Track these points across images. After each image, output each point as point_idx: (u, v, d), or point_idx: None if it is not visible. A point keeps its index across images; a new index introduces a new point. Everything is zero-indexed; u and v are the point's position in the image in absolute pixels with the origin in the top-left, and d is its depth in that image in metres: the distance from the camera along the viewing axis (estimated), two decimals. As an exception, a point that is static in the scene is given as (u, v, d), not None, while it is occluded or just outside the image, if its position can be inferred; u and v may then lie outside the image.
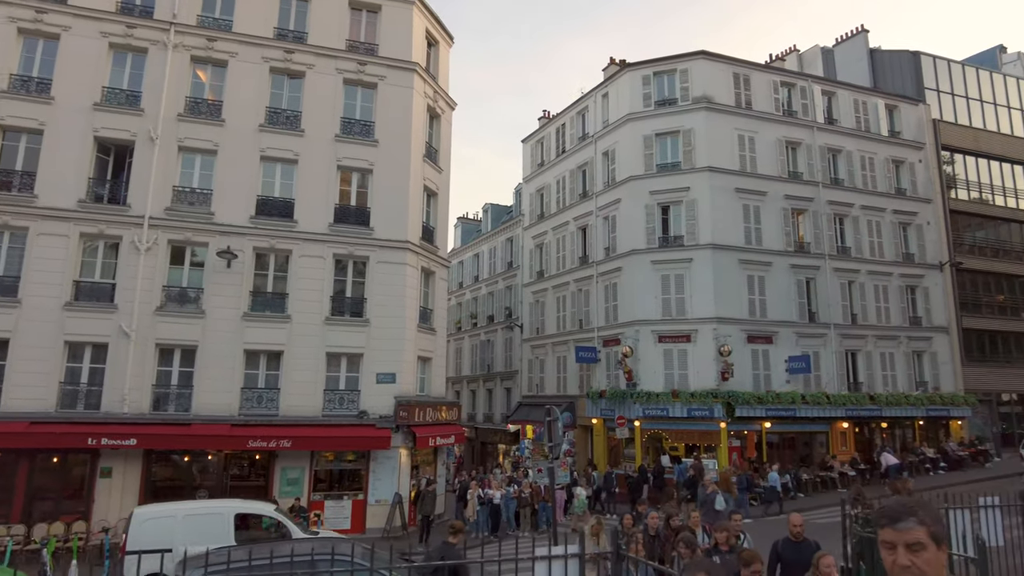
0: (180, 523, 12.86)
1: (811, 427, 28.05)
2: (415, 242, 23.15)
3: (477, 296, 43.22)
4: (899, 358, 30.47)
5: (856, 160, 31.66)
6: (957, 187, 34.81)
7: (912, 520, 2.05)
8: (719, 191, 28.02)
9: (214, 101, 22.13)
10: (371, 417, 21.30)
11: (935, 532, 2.04)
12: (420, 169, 23.99)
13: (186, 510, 13.83)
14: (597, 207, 31.14)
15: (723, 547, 7.85)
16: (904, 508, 2.09)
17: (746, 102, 29.67)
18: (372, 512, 21.26)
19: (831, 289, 29.39)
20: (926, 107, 34.33)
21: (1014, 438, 31.86)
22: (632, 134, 29.46)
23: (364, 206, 22.74)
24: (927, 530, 2.03)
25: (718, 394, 25.80)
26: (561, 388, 32.76)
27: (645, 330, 27.63)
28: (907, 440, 30.57)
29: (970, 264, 33.54)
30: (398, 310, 22.14)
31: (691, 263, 27.54)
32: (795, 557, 7.56)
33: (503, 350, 38.96)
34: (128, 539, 12.41)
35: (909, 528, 2.03)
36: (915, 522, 2.04)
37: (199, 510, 14.10)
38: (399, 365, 21.97)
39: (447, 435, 23.27)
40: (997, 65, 39.93)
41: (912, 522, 2.04)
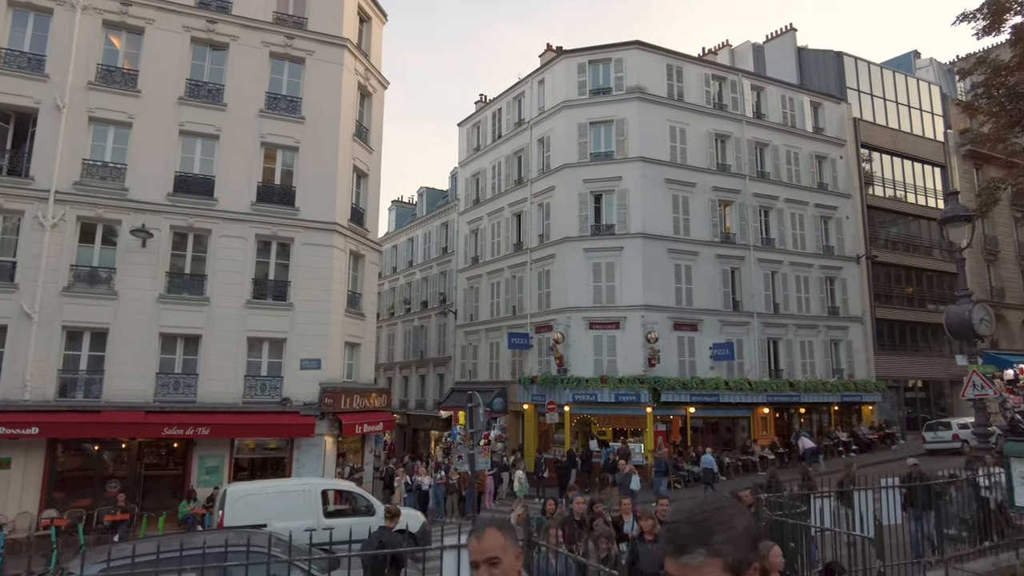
0: (272, 499, 13.42)
1: (734, 412, 28.98)
2: (343, 224, 22.55)
3: (411, 281, 42.66)
4: (817, 346, 31.78)
5: (782, 154, 32.68)
6: (874, 184, 36.42)
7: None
8: (650, 181, 28.41)
9: (129, 70, 20.87)
10: (294, 404, 20.70)
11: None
12: (350, 148, 23.34)
13: (276, 487, 14.58)
14: (532, 194, 31.11)
15: (648, 536, 7.50)
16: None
17: (678, 94, 30.13)
18: (296, 501, 20.68)
19: (755, 279, 30.33)
20: (848, 106, 35.71)
21: (918, 422, 33.77)
22: (567, 122, 29.50)
23: (289, 185, 21.97)
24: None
25: (645, 380, 26.30)
26: (494, 374, 32.75)
27: (576, 317, 27.86)
28: (823, 424, 31.98)
29: (884, 257, 35.24)
30: (324, 294, 21.54)
31: (622, 252, 27.88)
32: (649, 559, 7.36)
33: (437, 336, 38.64)
34: (225, 516, 12.83)
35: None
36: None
37: (288, 487, 14.73)
38: (325, 351, 21.41)
39: (375, 422, 22.88)
40: (912, 69, 41.88)
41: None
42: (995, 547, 10.24)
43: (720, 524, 1.55)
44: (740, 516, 1.58)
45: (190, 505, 18.53)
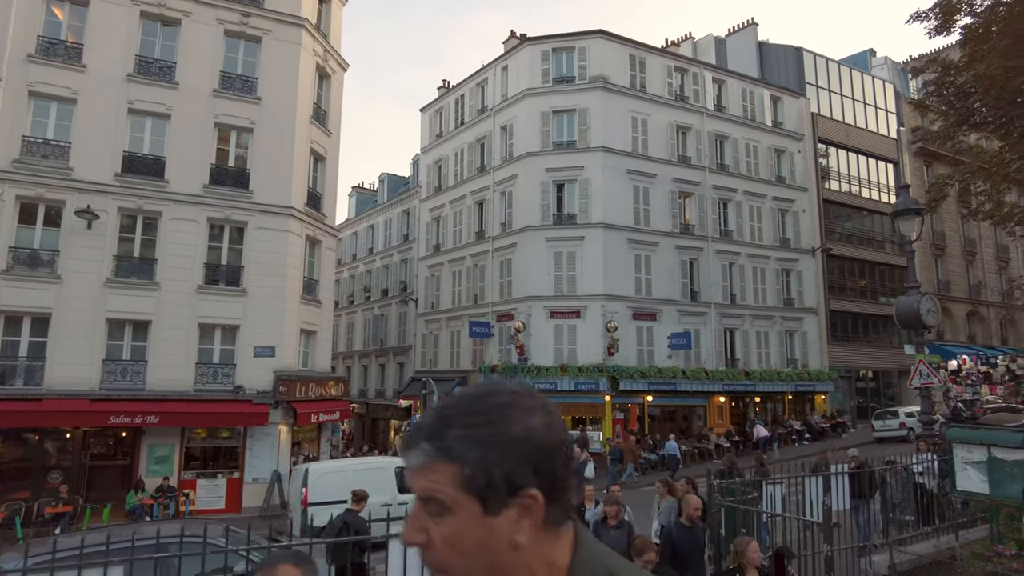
0: (351, 476, 13.84)
1: (690, 401, 29.38)
2: (299, 208, 22.04)
3: (371, 269, 42.09)
4: (773, 337, 32.38)
5: (741, 147, 33.08)
6: (830, 178, 37.16)
7: (424, 448, 0.98)
8: (612, 171, 28.47)
9: (74, 44, 19.97)
10: (248, 392, 20.23)
11: (477, 473, 0.95)
12: (307, 131, 22.80)
13: (355, 465, 15.88)
14: (494, 182, 30.91)
15: (611, 522, 7.47)
16: (431, 423, 1.01)
17: (641, 85, 30.21)
18: (249, 491, 20.29)
19: (713, 270, 30.71)
20: (806, 101, 36.30)
21: (868, 411, 34.73)
22: (530, 110, 29.34)
23: (243, 168, 21.36)
24: (456, 470, 0.95)
25: (604, 368, 26.45)
26: (455, 363, 32.56)
27: (537, 306, 27.83)
28: (777, 413, 32.65)
29: (838, 251, 36.03)
30: (279, 280, 21.04)
31: (583, 241, 27.92)
32: (690, 543, 7.05)
33: (397, 325, 38.24)
34: (308, 493, 13.56)
35: (415, 466, 0.99)
36: (428, 452, 0.98)
37: (365, 465, 15.83)
38: (279, 338, 20.95)
39: (331, 411, 22.52)
40: (868, 67, 42.77)
41: (422, 452, 0.98)
42: (936, 530, 10.56)
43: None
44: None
45: (138, 496, 17.99)
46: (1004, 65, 17.97)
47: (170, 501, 18.29)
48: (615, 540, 7.04)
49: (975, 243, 43.17)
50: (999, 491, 9.19)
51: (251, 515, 18.59)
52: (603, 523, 7.54)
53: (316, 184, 23.92)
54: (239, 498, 20.16)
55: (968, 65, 23.83)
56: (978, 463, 9.50)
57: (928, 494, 11.08)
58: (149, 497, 17.91)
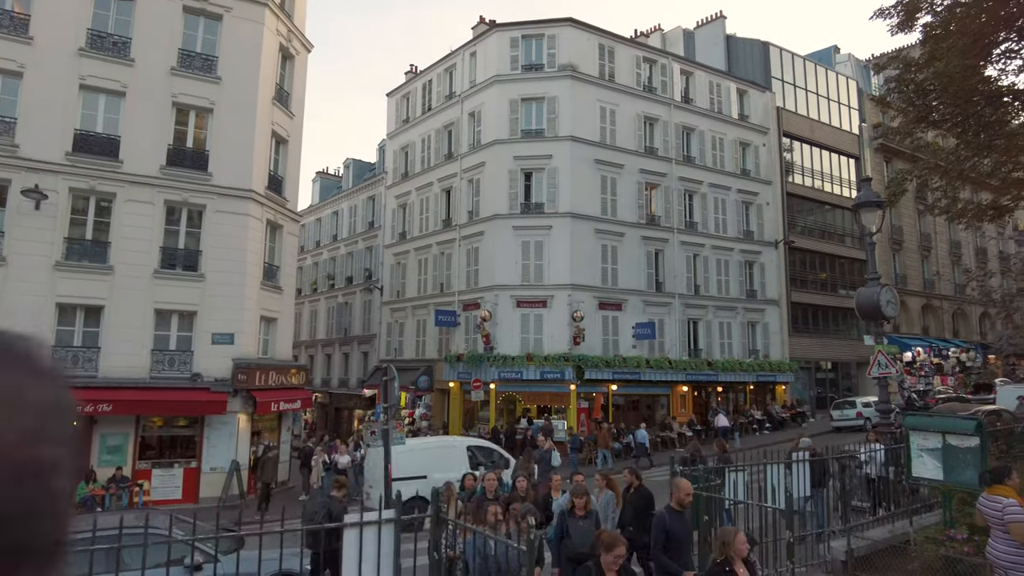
0: (429, 454, 15.70)
1: (654, 390, 29.63)
2: (260, 192, 21.48)
3: (335, 256, 41.42)
4: (735, 327, 32.80)
5: (708, 140, 33.32)
6: (794, 172, 37.71)
7: None
8: (580, 161, 28.42)
9: (20, 15, 19.08)
10: (206, 380, 19.72)
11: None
12: (268, 113, 22.21)
13: (432, 444, 17.41)
14: (462, 169, 30.61)
15: (579, 512, 7.27)
16: None
17: (609, 74, 30.17)
18: (207, 480, 19.83)
19: (677, 261, 30.94)
20: (772, 95, 36.70)
21: (827, 401, 35.49)
22: (498, 96, 29.08)
23: (202, 149, 20.71)
24: None
25: (569, 357, 26.49)
26: (420, 352, 32.28)
27: (504, 295, 27.70)
28: (739, 403, 33.14)
29: (801, 244, 36.63)
30: (238, 265, 20.50)
31: (550, 231, 27.84)
32: (682, 529, 6.81)
33: (361, 313, 37.74)
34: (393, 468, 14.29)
35: None
36: None
37: (440, 444, 17.44)
38: (239, 325, 20.44)
39: (292, 400, 22.12)
40: (832, 63, 43.43)
41: None
42: (891, 516, 10.77)
43: None
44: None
45: (89, 487, 17.40)
46: (962, 64, 18.30)
47: (123, 492, 17.74)
48: (583, 530, 6.97)
49: (931, 238, 44.35)
50: (952, 477, 9.38)
51: (209, 505, 18.20)
52: (570, 513, 7.33)
53: (278, 167, 23.35)
54: (196, 488, 19.68)
55: (928, 63, 24.31)
56: (933, 450, 9.69)
57: (876, 482, 11.37)
58: (100, 488, 17.34)
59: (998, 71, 19.17)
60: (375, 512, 5.14)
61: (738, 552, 5.47)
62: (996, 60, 18.80)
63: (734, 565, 5.41)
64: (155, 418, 19.83)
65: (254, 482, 21.07)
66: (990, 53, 18.55)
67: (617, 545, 4.80)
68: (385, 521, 5.09)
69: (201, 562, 8.11)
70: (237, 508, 18.34)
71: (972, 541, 8.76)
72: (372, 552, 5.03)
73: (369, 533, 5.05)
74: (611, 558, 4.71)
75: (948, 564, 8.61)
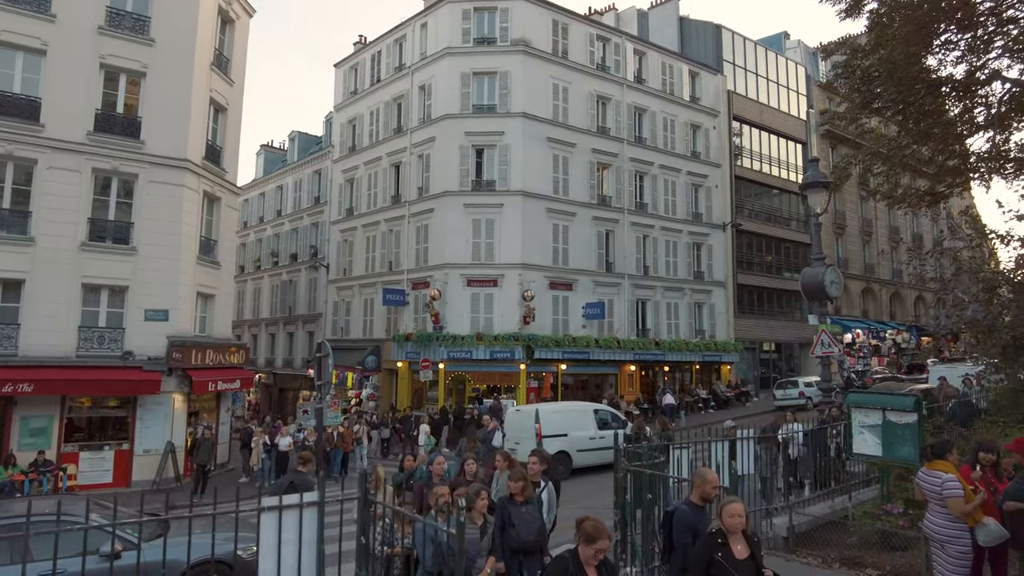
0: (566, 416, 18.16)
1: (603, 369, 29.75)
2: (197, 161, 20.45)
3: (279, 232, 40.15)
4: (683, 308, 33.15)
5: (659, 121, 33.33)
6: (742, 155, 38.13)
7: None
8: (532, 139, 28.04)
9: (-73, -37, 17.54)
10: (138, 358, 18.79)
11: None
12: (206, 78, 21.11)
13: (567, 408, 19.66)
14: (412, 144, 29.86)
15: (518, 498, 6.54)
16: None
17: (563, 51, 29.78)
18: (140, 463, 18.98)
19: (627, 242, 30.99)
20: (723, 78, 36.91)
21: (770, 381, 36.32)
22: (450, 70, 28.38)
23: (134, 115, 19.54)
24: None
25: (519, 337, 26.30)
26: (367, 332, 31.63)
27: (454, 273, 27.27)
28: (685, 382, 33.60)
29: (747, 226, 37.17)
30: (173, 238, 19.51)
31: (502, 208, 27.46)
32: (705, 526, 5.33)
33: (307, 291, 36.76)
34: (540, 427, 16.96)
35: None
36: None
37: (574, 408, 19.69)
38: (174, 301, 19.51)
39: (231, 379, 21.31)
40: (782, 49, 43.97)
41: None
42: (831, 492, 10.91)
43: None
44: None
45: (8, 472, 16.39)
46: (906, 51, 18.58)
47: (45, 477, 16.78)
48: (526, 518, 6.30)
49: (872, 224, 45.64)
50: (891, 453, 9.49)
51: (142, 489, 17.41)
52: (511, 499, 6.51)
53: (216, 137, 22.28)
54: (128, 471, 18.82)
55: (874, 49, 24.75)
56: (873, 427, 9.78)
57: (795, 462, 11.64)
58: (20, 473, 16.35)
59: (938, 61, 19.52)
60: (294, 496, 4.76)
61: (730, 527, 4.55)
62: (936, 51, 19.16)
63: (729, 540, 4.50)
64: (83, 398, 18.82)
65: (191, 464, 20.33)
66: (931, 43, 18.89)
67: (600, 538, 4.25)
68: (307, 505, 4.71)
69: (120, 550, 7.56)
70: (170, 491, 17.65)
71: (907, 515, 8.90)
72: (293, 538, 4.66)
73: (290, 518, 4.67)
74: (592, 551, 4.16)
75: (884, 537, 8.73)
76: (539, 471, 7.54)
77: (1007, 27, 15.64)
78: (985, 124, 17.67)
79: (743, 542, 4.55)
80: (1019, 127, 17.65)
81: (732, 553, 4.47)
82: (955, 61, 17.60)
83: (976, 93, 17.53)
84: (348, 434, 20.53)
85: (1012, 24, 15.76)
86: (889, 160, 24.52)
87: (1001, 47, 16.04)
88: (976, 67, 16.72)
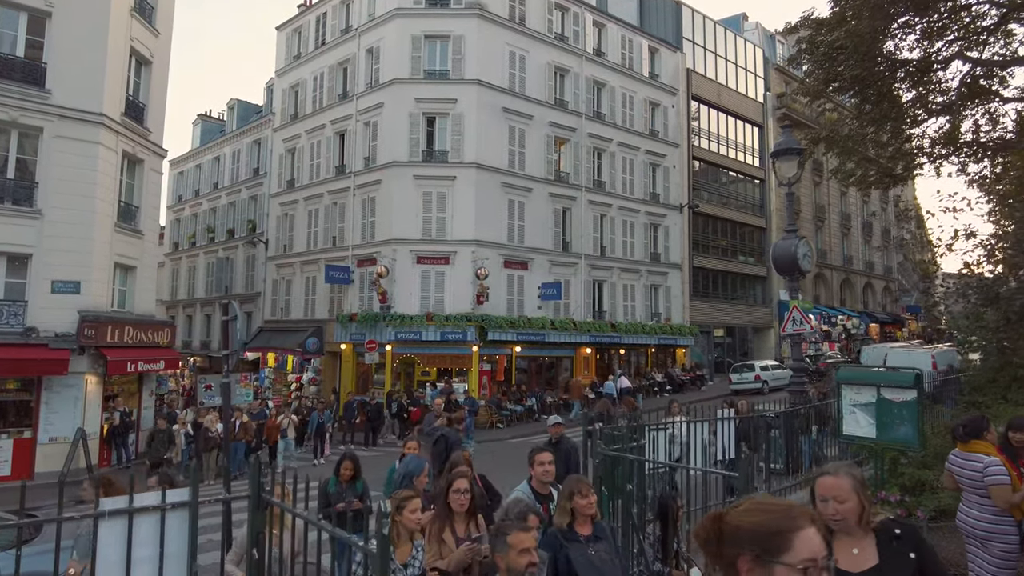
0: None
1: (558, 352, 28.68)
2: (114, 117, 18.29)
3: (216, 207, 37.63)
4: (639, 290, 32.30)
5: (618, 96, 32.24)
6: (700, 136, 37.45)
7: None
8: (487, 108, 26.56)
9: None
10: (43, 335, 16.70)
11: None
12: (126, 25, 18.90)
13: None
14: (358, 111, 27.97)
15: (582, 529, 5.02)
16: None
17: (520, 17, 28.32)
18: (44, 453, 16.93)
19: (584, 221, 29.89)
20: (682, 55, 36.06)
21: (724, 365, 35.92)
22: (399, 32, 26.60)
23: (38, 60, 17.27)
24: None
25: (472, 318, 24.94)
26: (309, 312, 29.74)
27: (403, 250, 25.66)
28: (640, 365, 32.84)
29: (704, 209, 36.55)
30: (86, 201, 17.39)
31: (454, 181, 25.94)
32: None
33: (244, 269, 34.52)
34: None
35: None
36: None
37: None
38: (86, 272, 17.43)
39: (154, 360, 19.33)
40: (740, 30, 43.47)
41: None
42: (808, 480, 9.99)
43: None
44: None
45: None
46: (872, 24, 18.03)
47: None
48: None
49: (824, 210, 45.78)
50: (887, 435, 8.48)
51: (47, 481, 15.44)
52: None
53: (139, 93, 20.10)
54: (31, 462, 16.76)
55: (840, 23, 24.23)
56: (867, 405, 8.80)
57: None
58: None
59: (894, 46, 19.12)
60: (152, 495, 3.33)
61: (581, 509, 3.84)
62: (896, 32, 18.71)
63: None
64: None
65: (109, 455, 18.40)
66: (891, 23, 18.44)
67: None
68: (172, 506, 3.29)
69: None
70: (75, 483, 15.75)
71: (904, 503, 8.00)
72: (150, 555, 3.24)
73: (145, 524, 3.24)
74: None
75: (879, 528, 7.79)
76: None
77: (960, 14, 15.21)
78: (940, 109, 17.26)
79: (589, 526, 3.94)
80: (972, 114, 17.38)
81: None
82: (911, 46, 17.11)
83: (931, 80, 17.10)
84: (271, 419, 18.73)
85: (964, 12, 15.30)
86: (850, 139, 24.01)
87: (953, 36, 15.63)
88: (930, 53, 16.22)
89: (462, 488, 4.39)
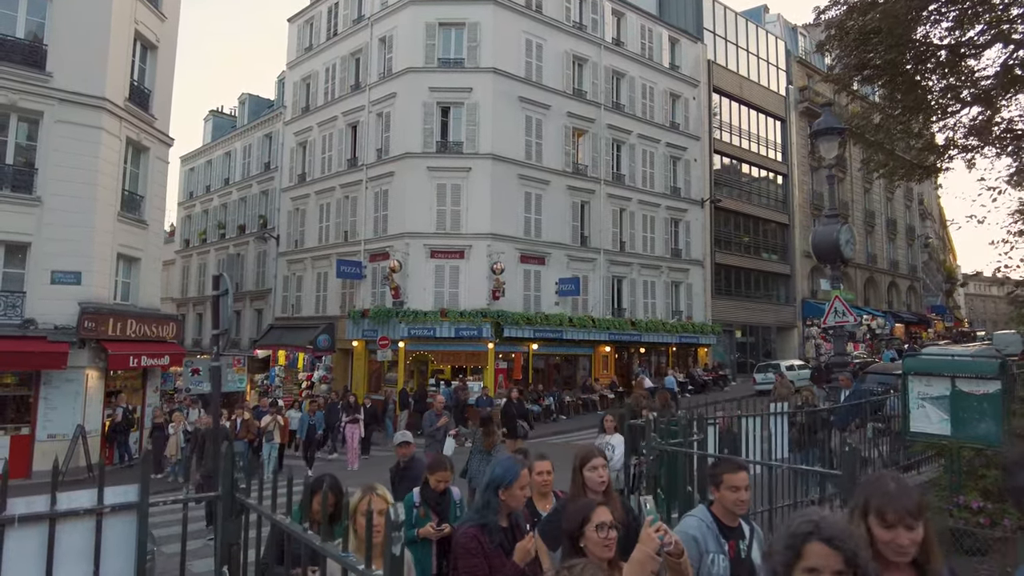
0: None
1: (576, 350, 27.72)
2: (117, 102, 17.59)
3: (227, 203, 37.01)
4: (659, 287, 31.28)
5: (638, 87, 31.28)
6: (722, 129, 36.38)
7: None
8: (503, 97, 25.70)
9: None
10: (42, 327, 16.01)
11: None
12: (131, 7, 18.21)
13: None
14: (370, 101, 27.19)
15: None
16: None
17: (537, 5, 27.45)
18: (43, 450, 16.20)
19: (603, 215, 28.94)
20: (703, 46, 35.04)
21: (747, 366, 34.78)
22: (413, 19, 25.80)
23: (39, 42, 16.61)
24: None
25: (488, 313, 24.06)
26: (320, 308, 28.98)
27: (417, 244, 24.83)
28: (661, 364, 31.78)
29: (726, 204, 35.46)
30: (87, 189, 16.69)
31: (470, 173, 25.09)
32: None
33: (255, 266, 33.84)
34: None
35: None
36: None
37: None
38: (88, 262, 16.73)
39: (157, 355, 18.57)
40: (762, 22, 42.36)
41: None
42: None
43: None
44: None
45: None
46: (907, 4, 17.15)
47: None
48: None
49: (848, 207, 44.48)
50: (964, 431, 7.48)
51: (47, 481, 14.73)
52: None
53: (144, 78, 19.41)
54: (28, 460, 16.05)
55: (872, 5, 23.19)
56: (939, 399, 7.82)
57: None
58: None
59: (925, 33, 18.22)
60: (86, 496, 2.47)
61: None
62: (928, 17, 17.82)
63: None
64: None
65: (111, 452, 17.67)
66: (926, 7, 17.59)
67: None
68: (112, 509, 2.42)
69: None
70: (83, 483, 15.01)
71: (985, 511, 7.02)
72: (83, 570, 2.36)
73: (76, 532, 2.37)
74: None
75: (957, 538, 6.83)
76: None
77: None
78: (972, 100, 16.27)
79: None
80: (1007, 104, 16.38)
81: None
82: (944, 33, 16.21)
83: (962, 68, 16.15)
84: (251, 424, 17.55)
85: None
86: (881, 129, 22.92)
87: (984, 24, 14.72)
88: (961, 42, 15.28)
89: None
